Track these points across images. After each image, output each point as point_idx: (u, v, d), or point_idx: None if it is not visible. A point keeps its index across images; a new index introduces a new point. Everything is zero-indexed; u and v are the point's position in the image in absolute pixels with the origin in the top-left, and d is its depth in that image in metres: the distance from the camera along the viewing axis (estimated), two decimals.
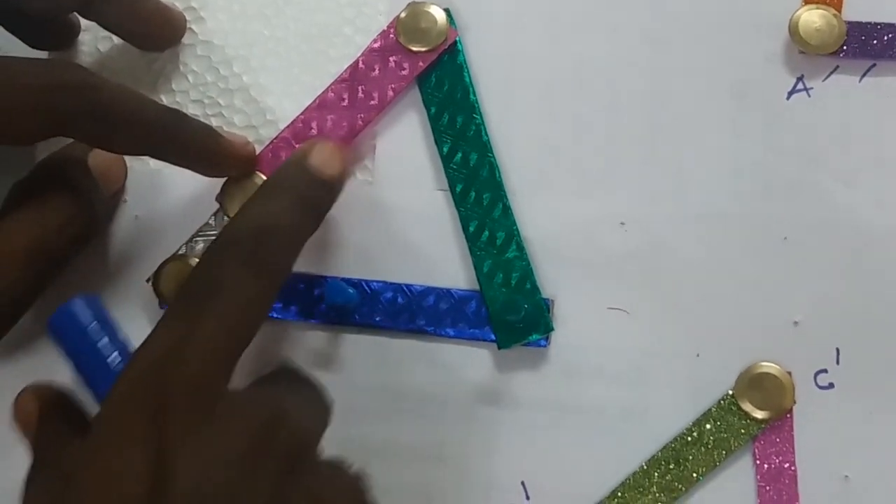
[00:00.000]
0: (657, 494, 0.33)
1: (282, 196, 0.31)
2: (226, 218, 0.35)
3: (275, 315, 0.35)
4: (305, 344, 0.35)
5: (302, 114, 0.36)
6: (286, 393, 0.28)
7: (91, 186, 0.33)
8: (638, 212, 0.35)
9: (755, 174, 0.35)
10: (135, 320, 0.35)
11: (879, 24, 0.35)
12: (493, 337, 0.34)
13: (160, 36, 0.37)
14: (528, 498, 0.34)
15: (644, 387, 0.34)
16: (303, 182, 0.32)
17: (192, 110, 0.37)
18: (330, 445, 0.34)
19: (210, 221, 0.36)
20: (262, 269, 0.28)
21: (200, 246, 0.35)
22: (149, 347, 0.26)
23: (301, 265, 0.35)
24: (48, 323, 0.29)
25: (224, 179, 0.35)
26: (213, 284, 0.28)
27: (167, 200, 0.36)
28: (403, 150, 0.36)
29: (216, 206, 0.36)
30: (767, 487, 0.33)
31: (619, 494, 0.33)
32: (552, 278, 0.35)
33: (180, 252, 0.36)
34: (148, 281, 0.35)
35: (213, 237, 0.35)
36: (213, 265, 0.28)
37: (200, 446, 0.25)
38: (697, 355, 0.34)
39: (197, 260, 0.35)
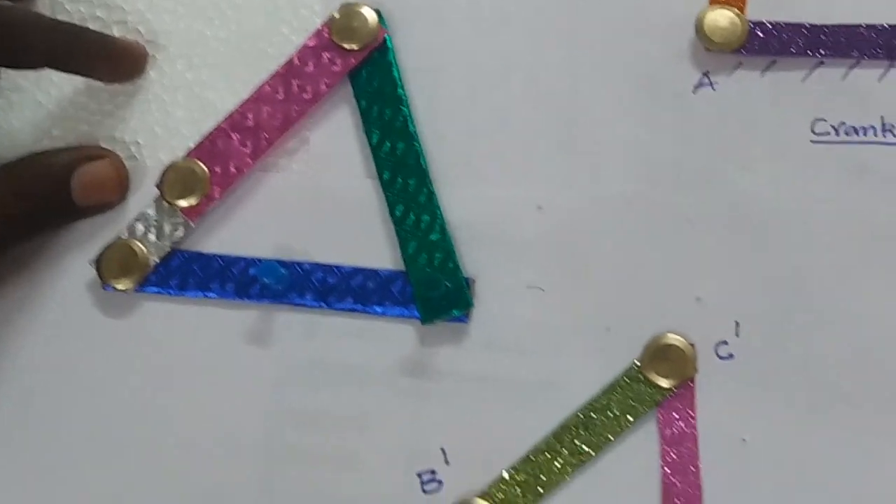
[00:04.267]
0: (567, 457, 0.35)
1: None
2: (165, 203, 0.37)
3: (212, 294, 0.37)
4: (240, 321, 0.37)
5: (239, 106, 0.38)
6: None
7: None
8: (554, 196, 0.37)
9: (663, 162, 0.37)
10: (78, 300, 0.37)
11: (780, 23, 0.38)
12: (417, 314, 0.36)
13: (128, 69, 0.39)
14: (447, 462, 0.36)
15: (558, 359, 0.36)
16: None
17: (138, 107, 0.39)
18: (260, 417, 0.36)
19: (149, 209, 0.38)
20: None
21: (141, 230, 0.37)
22: None
23: (238, 248, 0.38)
24: None
25: (163, 168, 0.38)
26: None
27: None
28: (335, 140, 0.38)
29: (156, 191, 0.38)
30: (670, 451, 0.35)
31: (532, 458, 0.35)
32: (473, 259, 0.37)
33: (122, 236, 0.38)
34: (91, 264, 0.37)
35: (156, 223, 0.37)
36: None
37: None
38: (608, 329, 0.36)
39: (138, 243, 0.37)
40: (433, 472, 0.36)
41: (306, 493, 0.36)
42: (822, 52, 0.37)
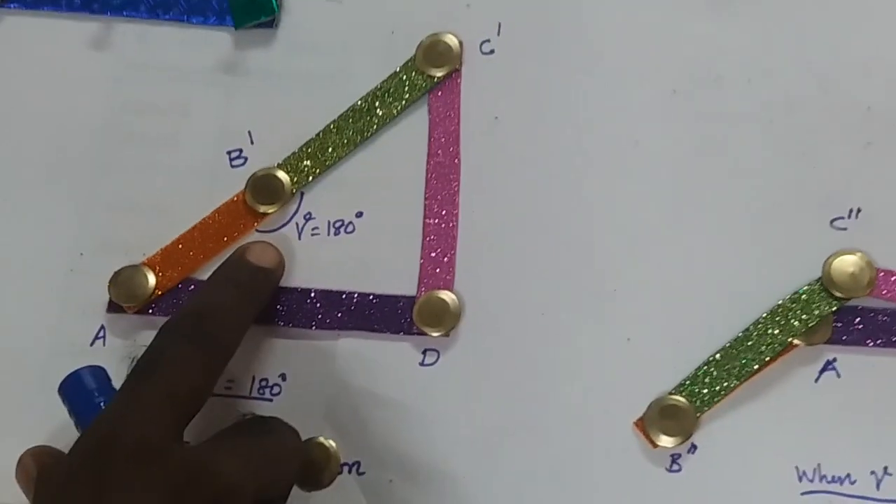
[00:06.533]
0: (351, 135, 0.41)
1: (224, 283, 0.37)
2: None
3: (62, 8, 0.43)
4: (85, 31, 0.43)
5: None
6: (232, 444, 0.33)
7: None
8: None
9: None
10: None
11: None
12: (231, 21, 0.43)
13: None
14: (252, 143, 0.42)
15: (350, 57, 0.42)
16: (243, 272, 0.38)
17: None
18: (103, 108, 0.42)
19: None
20: (204, 342, 0.33)
21: None
22: (104, 414, 0.32)
23: None
24: (59, 386, 0.35)
25: None
26: (156, 359, 0.33)
27: None
28: None
29: None
30: (437, 129, 0.41)
31: (322, 136, 0.41)
32: None
33: None
34: None
35: None
36: (158, 342, 0.33)
37: (131, 494, 0.29)
38: (392, 33, 0.42)
39: None
40: (240, 150, 0.42)
41: (138, 167, 0.42)
42: None
